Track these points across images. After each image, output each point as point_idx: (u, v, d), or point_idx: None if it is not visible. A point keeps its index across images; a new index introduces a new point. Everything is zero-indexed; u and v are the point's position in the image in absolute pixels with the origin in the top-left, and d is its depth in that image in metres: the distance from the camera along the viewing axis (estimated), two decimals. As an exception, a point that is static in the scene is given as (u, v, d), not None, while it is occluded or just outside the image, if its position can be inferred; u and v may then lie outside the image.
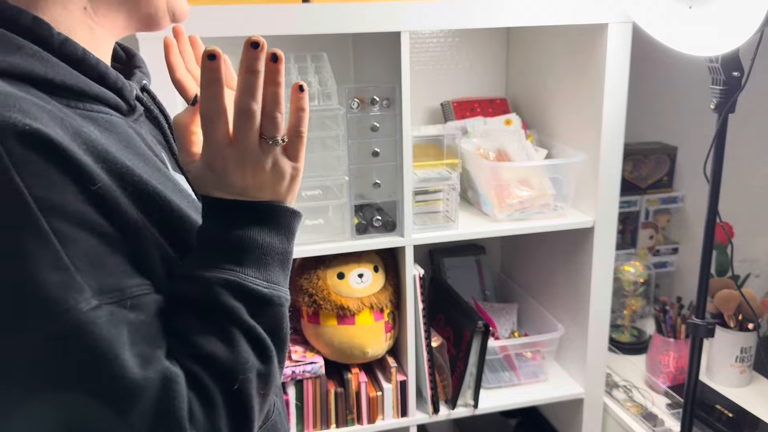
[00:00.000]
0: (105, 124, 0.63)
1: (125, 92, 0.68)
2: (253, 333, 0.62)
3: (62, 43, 0.61)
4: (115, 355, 0.54)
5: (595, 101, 1.50)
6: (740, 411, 1.62)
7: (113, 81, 0.66)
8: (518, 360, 1.70)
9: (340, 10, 1.31)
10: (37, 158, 0.52)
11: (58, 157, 0.53)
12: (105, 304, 0.55)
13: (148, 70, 0.79)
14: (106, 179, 0.57)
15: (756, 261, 1.92)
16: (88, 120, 0.61)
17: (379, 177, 1.48)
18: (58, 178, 0.53)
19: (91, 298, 0.54)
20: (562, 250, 1.70)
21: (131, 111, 0.69)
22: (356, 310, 1.51)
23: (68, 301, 0.53)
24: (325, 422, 1.56)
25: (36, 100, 0.56)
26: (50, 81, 0.59)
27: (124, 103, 0.68)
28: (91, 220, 0.55)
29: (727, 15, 1.15)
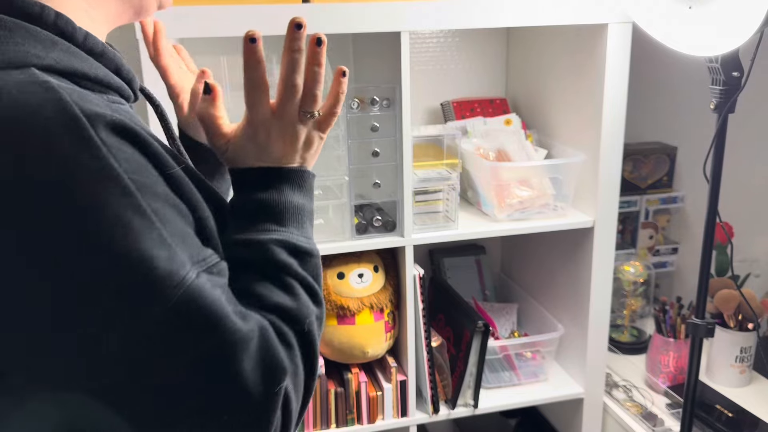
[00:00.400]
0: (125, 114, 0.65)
1: (133, 83, 0.71)
2: (306, 282, 0.70)
3: (85, 38, 0.64)
4: (225, 313, 0.60)
5: (595, 101, 1.50)
6: (740, 411, 1.62)
7: (126, 72, 0.69)
8: (518, 360, 1.71)
9: (340, 10, 1.31)
10: (128, 146, 0.57)
11: (140, 145, 0.58)
12: (202, 272, 0.60)
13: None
14: (174, 164, 0.62)
15: (756, 261, 1.92)
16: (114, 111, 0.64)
17: (379, 177, 1.48)
18: (144, 163, 0.58)
19: (191, 269, 0.59)
20: (562, 250, 1.70)
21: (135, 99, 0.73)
22: (356, 309, 1.51)
23: (179, 272, 0.57)
24: (325, 422, 1.56)
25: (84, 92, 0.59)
26: (85, 74, 0.61)
27: (132, 93, 0.71)
28: (174, 199, 0.61)
29: (726, 15, 1.15)
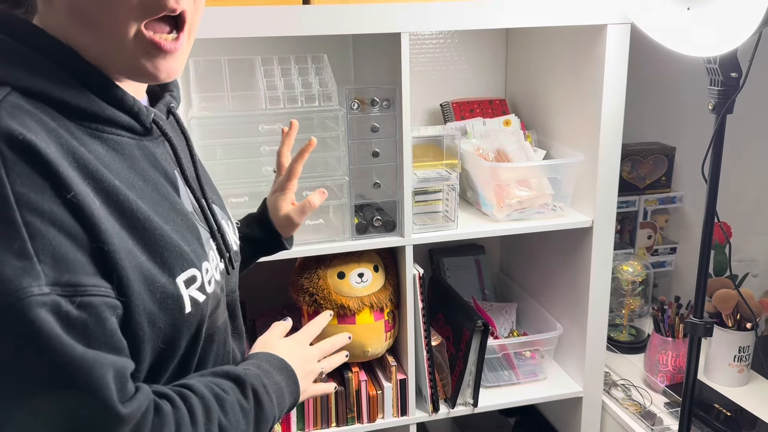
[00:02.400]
0: (113, 145, 0.71)
1: (141, 116, 0.74)
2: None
3: (85, 71, 0.69)
4: (48, 336, 0.60)
5: (594, 102, 1.51)
6: (738, 410, 1.63)
7: (130, 106, 0.73)
8: (517, 359, 1.71)
9: (340, 11, 1.32)
10: (24, 162, 0.60)
11: (42, 165, 0.61)
12: (56, 294, 0.61)
13: (179, 93, 0.87)
14: (84, 191, 0.64)
15: (754, 260, 1.93)
16: (96, 139, 0.69)
17: (379, 177, 1.49)
18: (39, 181, 0.61)
19: (44, 286, 0.60)
20: (561, 249, 1.70)
21: (148, 131, 0.76)
22: (356, 309, 1.52)
23: (22, 283, 0.59)
24: (325, 421, 1.57)
25: (42, 116, 0.65)
26: (65, 102, 0.67)
27: (139, 126, 0.75)
28: (62, 220, 0.62)
29: (725, 16, 1.15)
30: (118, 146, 0.72)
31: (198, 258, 0.76)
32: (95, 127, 0.70)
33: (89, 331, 0.63)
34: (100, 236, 0.64)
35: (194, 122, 1.35)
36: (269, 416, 0.82)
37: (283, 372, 0.90)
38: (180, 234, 0.75)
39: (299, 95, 1.43)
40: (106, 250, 0.65)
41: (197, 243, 0.78)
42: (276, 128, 1.40)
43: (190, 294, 0.74)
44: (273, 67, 1.45)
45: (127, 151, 0.73)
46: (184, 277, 0.73)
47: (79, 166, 0.65)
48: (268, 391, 0.83)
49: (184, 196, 0.80)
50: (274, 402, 0.84)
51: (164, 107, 0.81)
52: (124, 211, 0.68)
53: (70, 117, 0.68)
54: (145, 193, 0.72)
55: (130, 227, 0.68)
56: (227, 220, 0.92)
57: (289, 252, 1.44)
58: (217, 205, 0.91)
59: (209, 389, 0.76)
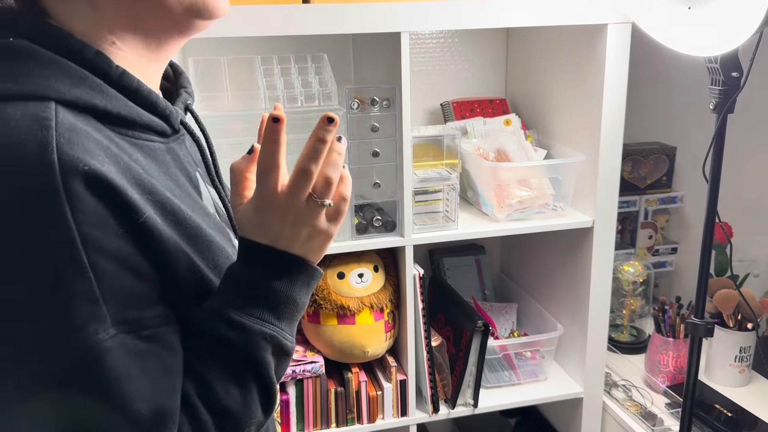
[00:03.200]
0: (149, 152, 0.69)
1: (172, 118, 0.72)
2: (268, 387, 0.69)
3: (120, 76, 0.66)
4: (118, 385, 0.59)
5: (595, 101, 1.50)
6: (739, 410, 1.62)
7: (162, 108, 0.71)
8: (518, 359, 1.71)
9: (340, 10, 1.31)
10: (90, 197, 0.57)
11: (110, 196, 0.59)
12: (121, 333, 0.60)
13: (192, 89, 0.84)
14: (150, 211, 0.62)
15: (755, 261, 1.93)
16: (135, 147, 0.67)
17: (379, 177, 1.49)
18: (106, 215, 0.58)
19: (110, 328, 0.59)
20: (562, 249, 1.70)
21: (174, 133, 0.74)
22: (356, 309, 1.52)
23: (90, 329, 0.58)
24: (325, 421, 1.57)
25: (95, 134, 0.61)
26: (108, 112, 0.64)
27: (169, 128, 0.72)
28: (127, 254, 0.60)
29: (726, 16, 1.15)
30: (153, 152, 0.69)
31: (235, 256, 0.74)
32: (132, 134, 0.67)
33: (161, 359, 0.63)
34: (168, 261, 0.63)
35: (194, 122, 1.35)
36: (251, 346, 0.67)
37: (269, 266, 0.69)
38: (219, 235, 0.73)
39: (299, 95, 1.42)
40: (172, 275, 0.64)
41: (230, 243, 0.76)
42: (276, 128, 1.40)
43: None
44: (273, 67, 1.44)
45: (161, 156, 0.70)
46: None
47: (137, 183, 0.62)
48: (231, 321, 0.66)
49: (206, 196, 0.78)
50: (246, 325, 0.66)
51: (182, 104, 0.78)
52: (180, 222, 0.66)
53: (111, 126, 0.65)
54: (183, 199, 0.70)
55: (187, 237, 0.67)
56: None
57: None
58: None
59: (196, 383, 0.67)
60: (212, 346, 0.67)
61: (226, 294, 0.68)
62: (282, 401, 1.53)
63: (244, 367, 0.67)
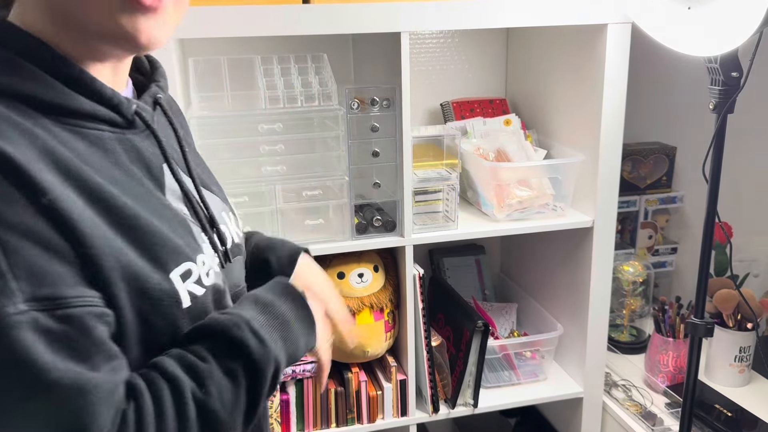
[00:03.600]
0: (94, 140, 0.69)
1: (122, 108, 0.72)
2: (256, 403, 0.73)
3: (61, 65, 0.67)
4: (31, 358, 0.59)
5: (594, 101, 1.50)
6: (739, 410, 1.62)
7: (109, 98, 0.71)
8: (518, 359, 1.71)
9: (340, 10, 1.31)
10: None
11: (14, 173, 0.60)
12: (33, 310, 0.59)
13: (167, 82, 0.84)
14: (63, 194, 0.62)
15: (755, 261, 1.93)
16: (76, 135, 0.68)
17: (379, 177, 1.49)
18: (11, 192, 0.59)
19: (20, 303, 0.59)
20: (562, 249, 1.70)
21: (131, 124, 0.74)
22: (356, 309, 1.52)
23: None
24: (325, 421, 1.57)
25: (16, 117, 0.63)
26: (41, 100, 0.66)
27: (121, 118, 0.72)
28: (38, 231, 0.60)
29: (725, 16, 1.15)
30: (99, 141, 0.70)
31: (192, 251, 0.74)
32: (74, 123, 0.68)
33: (75, 343, 0.61)
34: (83, 240, 0.62)
35: (194, 122, 1.35)
36: (265, 362, 0.72)
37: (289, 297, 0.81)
38: (171, 227, 0.73)
39: (299, 95, 1.42)
40: (89, 254, 0.63)
41: (190, 236, 0.76)
42: (276, 128, 1.40)
43: (188, 288, 0.72)
44: (273, 67, 1.44)
45: (109, 146, 0.71)
46: (180, 271, 0.71)
47: (59, 167, 0.63)
48: (256, 333, 0.73)
49: (171, 189, 0.78)
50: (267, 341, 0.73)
51: (150, 98, 0.79)
52: (110, 209, 0.66)
53: (47, 115, 0.66)
54: (130, 189, 0.70)
55: (117, 225, 0.66)
56: (228, 212, 0.90)
57: (288, 252, 1.44)
58: (218, 196, 0.89)
59: (180, 362, 0.69)
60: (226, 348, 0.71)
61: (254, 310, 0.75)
62: (282, 401, 1.53)
63: (247, 377, 0.71)
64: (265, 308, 0.77)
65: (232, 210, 0.93)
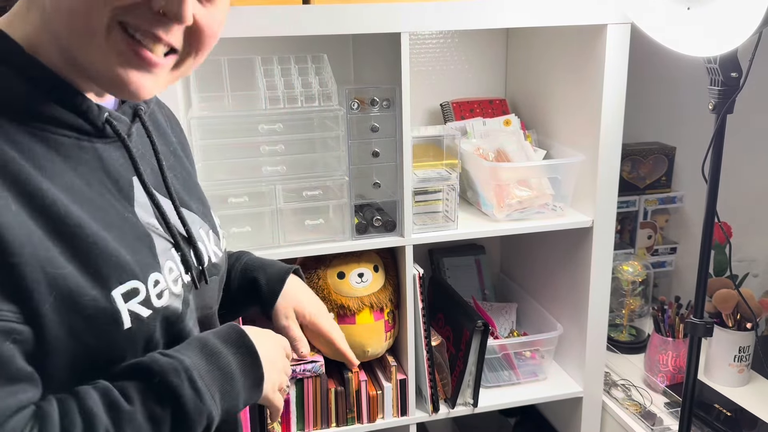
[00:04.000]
0: (54, 145, 0.67)
1: (91, 114, 0.70)
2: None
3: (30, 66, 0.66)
4: None
5: (594, 102, 1.51)
6: (738, 410, 1.62)
7: (78, 104, 0.69)
8: (517, 359, 1.71)
9: (340, 10, 1.31)
10: None
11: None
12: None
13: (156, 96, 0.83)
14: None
15: (754, 260, 1.93)
16: (34, 138, 0.65)
17: (379, 177, 1.49)
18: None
19: None
20: (561, 249, 1.70)
21: (101, 132, 0.72)
22: (356, 309, 1.52)
23: None
24: (325, 421, 1.57)
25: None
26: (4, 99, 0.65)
27: (89, 125, 0.70)
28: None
29: (725, 16, 1.15)
30: (61, 147, 0.68)
31: (143, 269, 0.71)
32: (36, 126, 0.66)
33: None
34: (6, 249, 0.59)
35: (194, 122, 1.35)
36: (197, 415, 0.69)
37: (239, 350, 0.76)
38: (124, 242, 0.70)
39: (299, 95, 1.42)
40: (12, 263, 0.60)
41: (147, 252, 0.73)
42: (276, 128, 1.40)
43: (130, 308, 0.68)
44: (273, 67, 1.45)
45: (71, 153, 0.69)
46: (122, 290, 0.68)
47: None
48: (194, 383, 0.69)
49: (140, 203, 0.75)
50: (204, 394, 0.70)
51: (130, 109, 0.77)
52: (50, 216, 0.63)
53: (9, 116, 0.64)
54: (85, 197, 0.68)
55: (56, 233, 0.63)
56: (208, 230, 0.87)
57: (289, 252, 1.44)
58: (197, 214, 0.85)
59: (103, 398, 0.66)
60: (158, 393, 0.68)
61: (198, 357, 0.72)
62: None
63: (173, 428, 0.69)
64: (211, 357, 0.73)
65: (214, 229, 0.89)
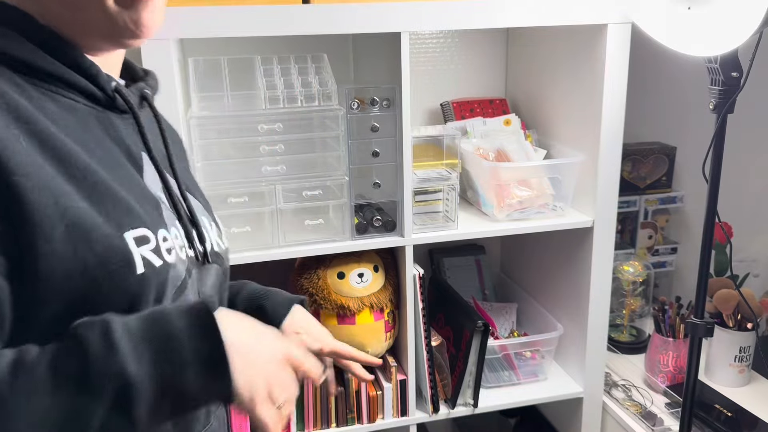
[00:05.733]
0: (67, 107, 0.70)
1: (99, 79, 0.73)
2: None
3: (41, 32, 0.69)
4: None
5: (594, 101, 1.50)
6: (739, 410, 1.62)
7: (86, 67, 0.72)
8: (518, 359, 1.71)
9: (340, 10, 1.31)
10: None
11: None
12: None
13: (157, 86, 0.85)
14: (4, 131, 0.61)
15: (755, 261, 1.93)
16: (48, 98, 0.68)
17: (379, 177, 1.49)
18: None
19: None
20: (562, 249, 1.70)
21: (111, 102, 0.74)
22: (356, 309, 1.52)
23: None
24: (325, 421, 1.57)
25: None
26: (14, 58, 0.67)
27: (99, 91, 0.73)
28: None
29: (725, 16, 1.15)
30: (74, 110, 0.70)
31: (152, 221, 0.70)
32: (48, 88, 0.69)
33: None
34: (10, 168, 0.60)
35: (194, 122, 1.35)
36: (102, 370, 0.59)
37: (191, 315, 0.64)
38: (133, 195, 0.70)
39: (299, 95, 1.42)
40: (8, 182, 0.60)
41: (155, 212, 0.73)
42: (276, 128, 1.40)
43: (142, 253, 0.67)
44: (273, 67, 1.44)
45: (84, 117, 0.71)
46: (134, 234, 0.67)
47: (9, 109, 0.63)
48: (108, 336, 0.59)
49: (149, 177, 0.77)
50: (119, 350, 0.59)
51: (137, 91, 0.79)
52: (62, 158, 0.65)
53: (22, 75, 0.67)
54: (96, 154, 0.69)
55: (67, 174, 0.64)
56: (210, 220, 0.88)
57: (289, 252, 1.44)
58: (200, 202, 0.87)
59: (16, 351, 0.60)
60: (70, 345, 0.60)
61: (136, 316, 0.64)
62: (282, 401, 1.53)
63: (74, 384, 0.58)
64: (151, 318, 0.63)
65: (216, 222, 0.90)
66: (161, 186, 0.78)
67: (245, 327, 0.70)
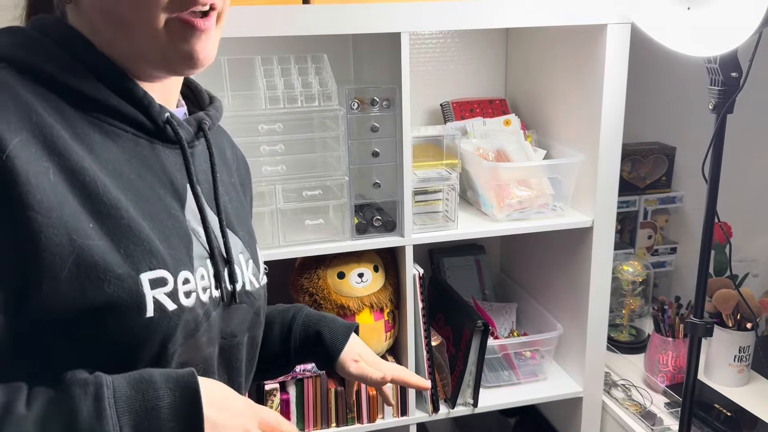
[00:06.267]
0: (113, 136, 0.70)
1: (152, 110, 0.72)
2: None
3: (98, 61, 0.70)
4: None
5: (594, 102, 1.51)
6: (738, 410, 1.62)
7: (140, 98, 0.72)
8: (517, 359, 1.71)
9: (340, 10, 1.32)
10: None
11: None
12: None
13: (218, 115, 0.84)
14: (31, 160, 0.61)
15: (754, 260, 1.93)
16: (95, 127, 0.68)
17: (379, 177, 1.49)
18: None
19: None
20: (561, 249, 1.70)
21: (161, 132, 0.74)
22: (356, 309, 1.52)
23: None
24: (325, 421, 1.57)
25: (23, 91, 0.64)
26: (66, 85, 0.68)
27: (148, 121, 0.73)
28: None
29: (725, 16, 1.15)
30: (119, 139, 0.70)
31: (175, 263, 0.70)
32: (96, 116, 0.69)
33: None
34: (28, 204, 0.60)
35: (194, 122, 1.35)
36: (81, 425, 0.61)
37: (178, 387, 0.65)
38: (162, 234, 0.70)
39: (299, 95, 1.42)
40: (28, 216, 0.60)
41: (184, 251, 0.72)
42: (276, 128, 1.40)
43: (155, 296, 0.67)
44: (273, 67, 1.45)
45: (128, 145, 0.71)
46: (151, 275, 0.67)
47: (46, 142, 0.63)
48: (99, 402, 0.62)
49: (190, 209, 0.76)
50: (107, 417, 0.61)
51: (195, 122, 0.79)
52: (89, 193, 0.65)
53: (72, 103, 0.68)
54: (130, 186, 0.69)
55: (92, 210, 0.65)
56: (249, 259, 0.85)
57: (289, 252, 1.44)
58: (242, 240, 0.85)
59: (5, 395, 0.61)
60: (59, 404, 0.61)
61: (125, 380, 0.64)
62: (282, 401, 1.53)
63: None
64: (140, 384, 0.64)
65: (255, 261, 0.87)
66: (200, 221, 0.77)
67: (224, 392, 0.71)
